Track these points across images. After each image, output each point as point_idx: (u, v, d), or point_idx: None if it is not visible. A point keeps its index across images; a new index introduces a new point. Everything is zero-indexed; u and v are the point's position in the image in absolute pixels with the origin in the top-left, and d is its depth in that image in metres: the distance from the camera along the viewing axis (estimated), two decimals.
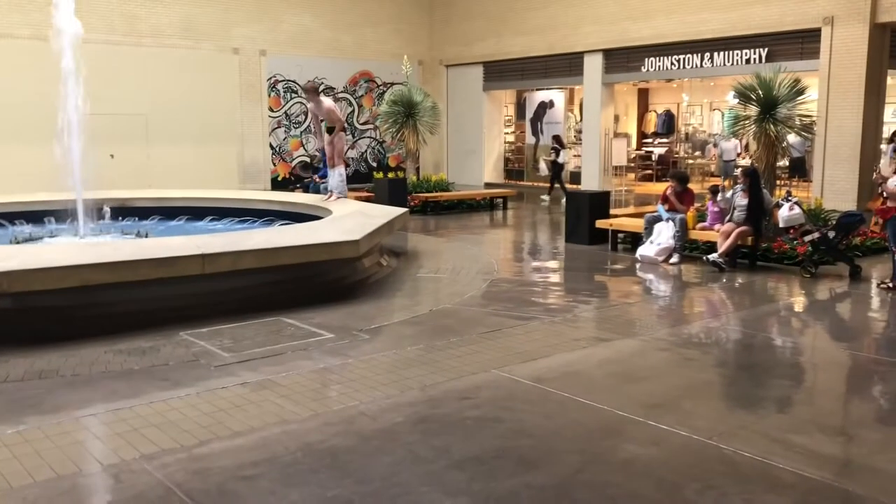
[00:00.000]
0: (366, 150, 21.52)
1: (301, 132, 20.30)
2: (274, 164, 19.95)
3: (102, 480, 3.79)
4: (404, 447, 4.09)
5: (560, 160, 17.67)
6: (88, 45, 9.38)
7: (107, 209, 9.76)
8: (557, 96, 21.02)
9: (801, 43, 14.68)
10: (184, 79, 17.91)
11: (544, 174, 18.61)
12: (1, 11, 15.57)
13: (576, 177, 19.95)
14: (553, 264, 10.52)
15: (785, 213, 9.26)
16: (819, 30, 14.28)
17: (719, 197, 9.98)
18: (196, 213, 11.04)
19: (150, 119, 17.36)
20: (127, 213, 10.56)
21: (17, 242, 8.54)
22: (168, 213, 10.95)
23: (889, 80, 14.96)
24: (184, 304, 6.67)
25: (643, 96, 24.05)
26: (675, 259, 9.69)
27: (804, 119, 11.30)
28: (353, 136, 21.22)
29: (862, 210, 10.88)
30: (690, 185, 10.83)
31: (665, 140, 22.80)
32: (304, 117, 20.27)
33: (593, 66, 18.50)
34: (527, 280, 8.78)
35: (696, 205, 10.42)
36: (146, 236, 8.76)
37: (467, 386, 5.05)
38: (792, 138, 12.59)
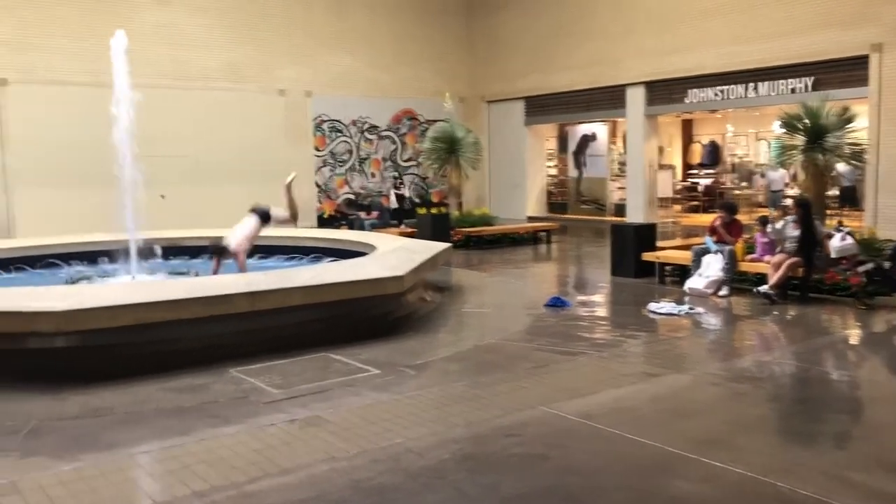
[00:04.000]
0: (409, 187, 21.73)
1: (346, 170, 20.60)
2: (320, 202, 20.24)
3: None
4: (451, 485, 4.07)
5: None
6: (140, 90, 9.68)
7: (158, 248, 9.99)
8: (600, 129, 21.02)
9: (848, 71, 14.48)
10: (232, 120, 18.36)
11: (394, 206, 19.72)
12: (61, 59, 16.19)
13: (620, 209, 19.84)
14: (599, 298, 10.43)
15: (837, 244, 9.07)
16: (867, 57, 14.08)
17: (769, 228, 9.82)
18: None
19: (199, 160, 17.78)
20: (178, 252, 10.79)
21: (73, 282, 8.78)
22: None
23: None
24: (233, 342, 6.77)
25: (687, 127, 23.90)
26: (724, 291, 9.53)
27: (854, 147, 11.09)
28: (398, 173, 21.46)
29: None
30: (738, 216, 10.68)
31: (711, 171, 22.58)
32: (348, 156, 20.60)
33: (636, 98, 18.49)
34: (573, 314, 8.72)
35: (745, 236, 10.26)
36: (196, 275, 8.93)
37: (513, 423, 5.01)
38: (841, 167, 12.37)
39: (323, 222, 19.67)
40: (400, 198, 19.64)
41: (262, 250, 11.27)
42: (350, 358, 6.61)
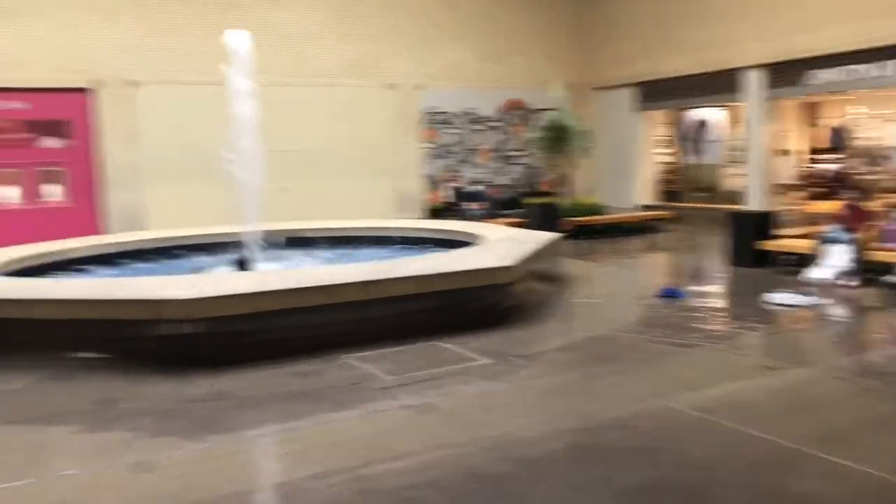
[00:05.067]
0: (517, 177, 21.65)
1: (454, 162, 20.74)
2: (428, 194, 20.47)
3: (275, 498, 4.01)
4: (564, 475, 4.05)
5: None
6: (259, 87, 10.07)
7: (278, 240, 10.37)
8: (715, 114, 20.29)
9: None
10: (345, 114, 18.81)
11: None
12: (186, 60, 17.02)
13: (737, 197, 19.10)
14: (715, 288, 10.10)
15: None
16: None
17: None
18: (358, 241, 11.52)
19: (314, 153, 18.31)
20: (296, 243, 11.17)
21: (198, 272, 9.25)
22: (333, 242, 11.48)
23: None
24: (346, 329, 6.94)
25: (810, 110, 22.68)
26: (851, 282, 9.04)
27: None
28: (505, 163, 21.43)
29: None
30: (867, 203, 10.09)
31: (836, 156, 21.39)
32: (456, 147, 20.72)
33: (754, 81, 17.71)
34: (687, 305, 8.48)
35: (874, 223, 9.68)
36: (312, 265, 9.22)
37: (627, 414, 4.94)
38: None
39: (431, 213, 19.89)
40: (457, 192, 19.08)
41: (372, 241, 11.54)
42: (460, 346, 6.67)
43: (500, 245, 8.98)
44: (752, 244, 10.58)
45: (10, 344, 6.76)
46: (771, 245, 10.47)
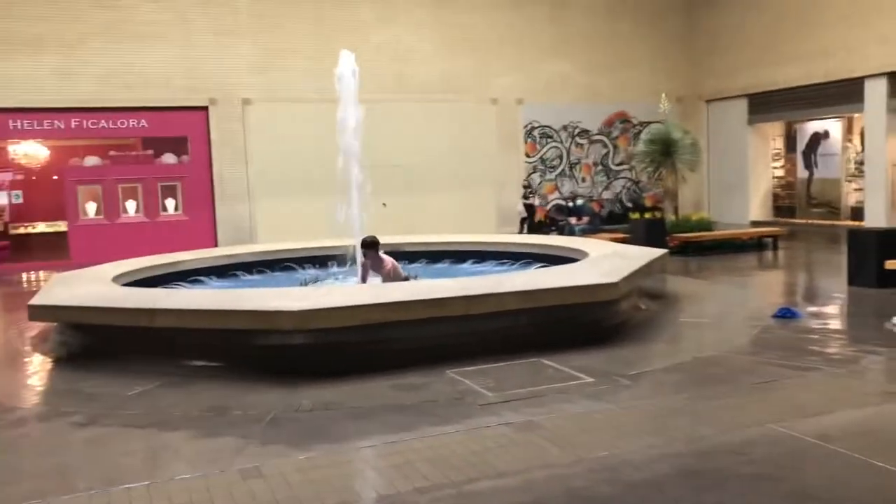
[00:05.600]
0: (621, 191, 21.29)
1: (556, 176, 20.59)
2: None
3: None
4: (672, 500, 3.92)
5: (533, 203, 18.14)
6: (364, 104, 10.31)
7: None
8: (833, 126, 19.35)
9: None
10: (446, 130, 19.02)
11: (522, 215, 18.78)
12: (295, 78, 17.63)
13: (857, 213, 18.14)
14: (833, 309, 9.59)
15: None
16: None
17: None
18: (459, 256, 11.58)
19: (415, 168, 18.57)
20: (398, 256, 11.32)
21: (305, 284, 9.51)
22: (434, 256, 11.58)
23: None
24: (450, 343, 6.97)
25: None
26: None
27: None
28: (608, 178, 21.12)
29: None
30: None
31: None
32: (558, 161, 20.57)
33: (876, 91, 16.80)
34: (804, 327, 8.08)
35: None
36: (416, 278, 9.32)
37: (740, 440, 4.73)
38: None
39: (532, 228, 19.79)
40: (528, 207, 18.65)
41: (474, 255, 11.56)
42: (563, 364, 6.57)
43: (604, 261, 8.83)
44: (877, 263, 9.99)
45: (131, 351, 7.13)
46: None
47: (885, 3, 16.30)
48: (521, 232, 17.68)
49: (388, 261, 8.89)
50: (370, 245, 8.76)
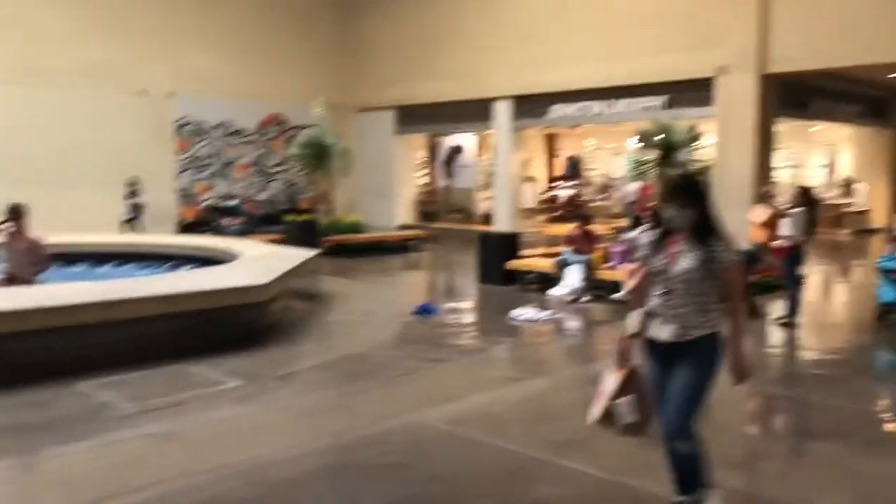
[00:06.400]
0: (276, 193, 21.29)
1: (209, 175, 19.94)
2: (180, 208, 19.48)
3: None
4: (313, 497, 4.01)
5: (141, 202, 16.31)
6: None
7: None
8: (469, 140, 21.40)
9: (697, 91, 15.40)
10: (88, 121, 17.36)
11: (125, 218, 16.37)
12: None
13: (488, 219, 20.27)
14: (466, 305, 10.59)
15: None
16: (713, 79, 15.05)
17: (623, 237, 10.31)
18: (100, 258, 10.64)
19: (52, 163, 16.69)
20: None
21: None
22: (71, 258, 10.49)
23: (777, 128, 15.86)
24: (84, 354, 6.37)
25: (551, 141, 24.73)
26: (584, 299, 9.91)
27: (700, 163, 11.83)
28: (264, 179, 20.99)
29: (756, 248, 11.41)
30: (595, 227, 11.13)
31: (572, 183, 23.45)
32: (212, 160, 19.95)
33: (503, 111, 18.93)
34: (440, 322, 8.81)
35: (602, 245, 10.71)
36: (45, 283, 8.37)
37: (379, 431, 5.00)
38: None
39: (185, 228, 18.95)
40: (135, 207, 16.32)
41: (117, 257, 10.73)
42: (209, 369, 6.38)
43: (256, 262, 8.76)
44: (501, 263, 11.24)
45: None
46: (517, 265, 11.19)
47: (508, 34, 18.41)
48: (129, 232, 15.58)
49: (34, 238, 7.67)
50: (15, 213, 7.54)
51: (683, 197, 3.57)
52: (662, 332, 3.51)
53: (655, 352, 3.60)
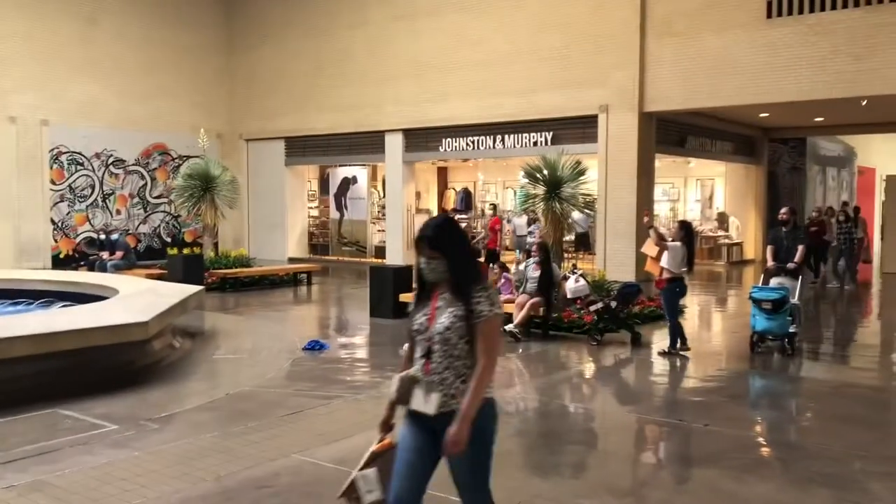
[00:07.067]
0: (159, 225, 20.55)
1: (87, 206, 19.05)
2: (56, 241, 18.49)
3: None
4: None
5: None
6: None
7: None
8: (361, 172, 21.34)
9: (582, 128, 15.99)
10: None
11: None
12: None
13: (381, 251, 20.21)
14: (358, 339, 10.46)
15: (572, 285, 9.89)
16: (596, 116, 15.66)
17: (513, 270, 10.47)
18: None
19: None
20: None
21: None
22: None
23: (657, 163, 16.62)
24: None
25: (443, 174, 25.01)
26: None
27: (586, 197, 12.23)
28: (146, 211, 20.24)
29: (640, 280, 11.84)
30: (484, 261, 11.27)
31: (464, 216, 23.74)
32: (90, 190, 19.09)
33: (394, 144, 19.03)
34: (331, 357, 8.66)
35: (492, 278, 10.84)
36: None
37: (266, 473, 4.82)
38: (576, 215, 13.57)
39: (59, 262, 17.97)
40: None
41: None
42: (84, 413, 6.02)
43: (136, 299, 8.38)
44: (394, 296, 11.19)
45: None
46: (409, 297, 11.15)
47: (398, 68, 18.58)
48: None
49: None
50: None
51: (430, 248, 3.02)
52: (424, 402, 3.00)
53: (418, 422, 3.07)
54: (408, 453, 3.06)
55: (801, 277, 9.05)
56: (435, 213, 24.39)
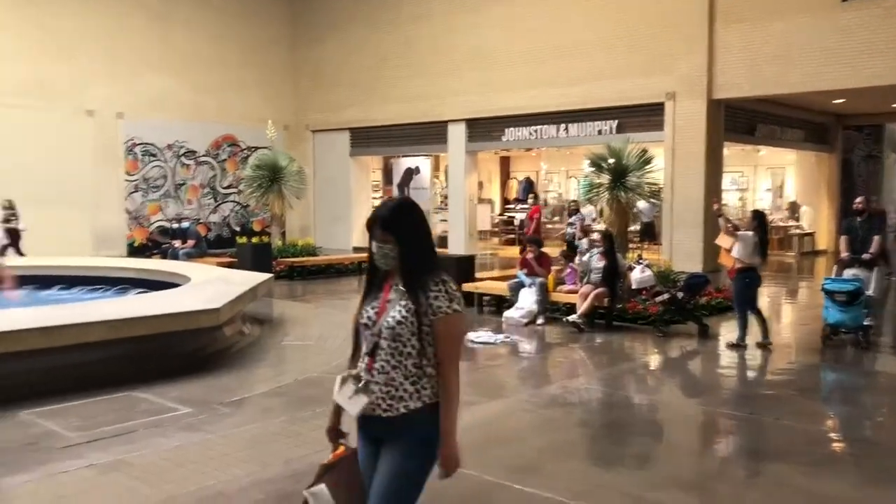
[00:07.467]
0: (228, 215, 21.06)
1: (159, 196, 19.64)
2: (130, 230, 19.13)
3: None
4: None
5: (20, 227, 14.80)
6: None
7: None
8: (424, 163, 21.45)
9: (648, 116, 15.73)
10: (33, 141, 17.01)
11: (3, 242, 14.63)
12: None
13: (443, 241, 20.29)
14: None
15: (637, 275, 9.77)
16: (663, 104, 15.37)
17: (576, 260, 10.39)
18: (44, 282, 10.35)
19: None
20: None
21: None
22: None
23: (726, 151, 16.24)
24: (25, 381, 6.19)
25: (505, 164, 24.94)
26: (538, 321, 9.95)
27: (652, 186, 12.03)
28: (216, 200, 20.75)
29: (707, 271, 11.61)
30: (548, 250, 11.21)
31: (526, 206, 23.61)
32: (162, 181, 19.67)
33: (457, 134, 19.05)
34: None
35: (555, 267, 10.78)
36: None
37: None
38: (642, 204, 13.37)
39: (133, 251, 18.59)
40: (12, 233, 14.62)
41: (62, 281, 10.47)
42: (159, 396, 6.23)
43: (207, 286, 8.62)
44: (457, 286, 11.19)
45: None
46: (471, 287, 11.20)
47: (460, 59, 18.56)
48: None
49: None
50: None
51: (383, 231, 2.68)
52: (348, 399, 2.69)
53: (364, 427, 2.76)
54: (366, 465, 2.75)
55: (876, 269, 8.75)
56: (497, 203, 24.34)
